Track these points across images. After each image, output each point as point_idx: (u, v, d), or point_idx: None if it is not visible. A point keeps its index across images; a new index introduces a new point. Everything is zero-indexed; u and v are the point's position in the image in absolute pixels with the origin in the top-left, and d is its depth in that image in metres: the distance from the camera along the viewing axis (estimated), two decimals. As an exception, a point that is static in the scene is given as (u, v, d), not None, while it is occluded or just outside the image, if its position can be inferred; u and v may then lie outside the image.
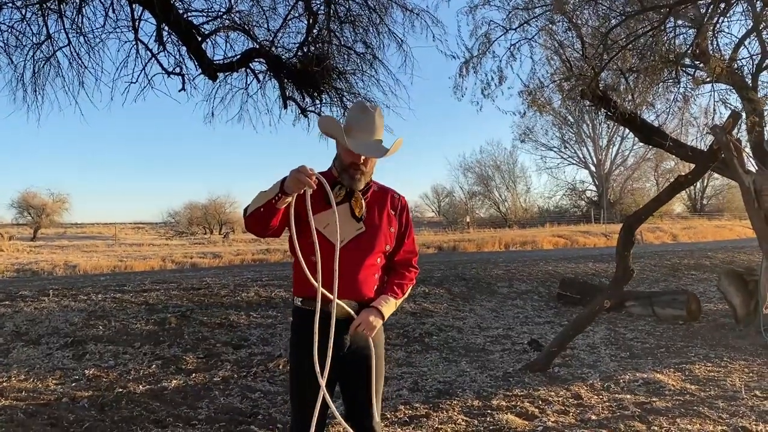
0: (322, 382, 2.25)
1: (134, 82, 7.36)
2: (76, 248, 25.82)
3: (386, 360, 6.12)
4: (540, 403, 4.64)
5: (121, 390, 5.03)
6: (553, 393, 4.89)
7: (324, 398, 2.26)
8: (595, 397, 4.78)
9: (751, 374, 5.36)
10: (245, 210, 2.37)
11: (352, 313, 2.41)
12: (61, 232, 38.21)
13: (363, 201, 2.46)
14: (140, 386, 5.15)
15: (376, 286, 2.52)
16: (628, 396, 4.76)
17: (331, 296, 2.30)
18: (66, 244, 28.43)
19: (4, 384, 5.10)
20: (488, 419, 4.26)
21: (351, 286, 2.39)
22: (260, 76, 8.07)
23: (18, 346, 6.18)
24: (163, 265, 17.71)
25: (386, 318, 2.46)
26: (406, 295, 2.58)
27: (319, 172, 2.40)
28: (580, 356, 6.20)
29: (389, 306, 2.48)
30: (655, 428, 4.00)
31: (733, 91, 8.16)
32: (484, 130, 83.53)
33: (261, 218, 2.29)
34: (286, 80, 7.89)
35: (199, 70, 7.49)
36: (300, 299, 2.49)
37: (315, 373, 2.27)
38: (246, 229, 2.45)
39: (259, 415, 4.49)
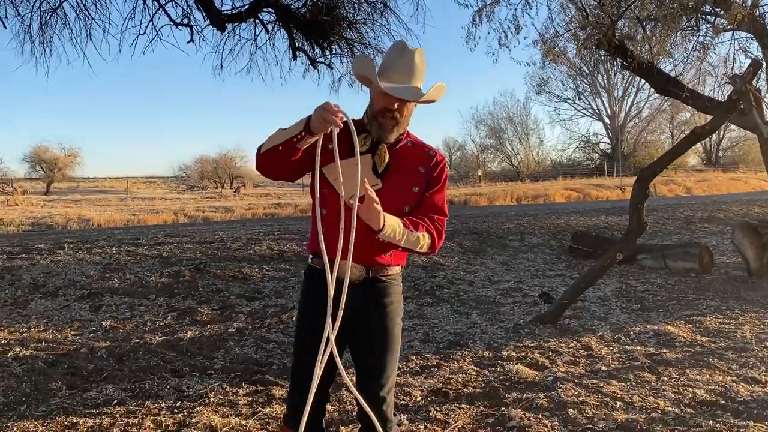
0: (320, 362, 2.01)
1: (142, 34, 7.29)
2: (89, 202, 26.05)
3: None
4: (550, 354, 4.69)
5: (138, 341, 5.13)
6: (563, 344, 4.93)
7: (333, 360, 2.03)
8: (605, 348, 4.82)
9: (762, 326, 5.37)
10: (259, 147, 2.14)
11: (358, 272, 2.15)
12: (74, 186, 38.50)
13: (387, 155, 2.17)
14: (156, 337, 5.25)
15: (389, 252, 2.23)
16: (639, 347, 4.79)
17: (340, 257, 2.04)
18: (79, 198, 28.68)
19: (24, 335, 5.21)
20: (498, 369, 4.32)
21: (359, 248, 2.06)
22: (269, 27, 7.95)
23: (36, 298, 6.30)
24: (175, 219, 17.86)
25: (385, 231, 2.03)
26: (417, 238, 2.13)
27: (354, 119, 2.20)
28: (590, 308, 6.23)
29: (396, 227, 2.06)
30: (665, 379, 4.04)
31: (754, 39, 7.92)
32: (497, 80, 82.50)
33: (277, 157, 2.08)
34: (295, 30, 7.76)
35: (207, 21, 7.38)
36: (311, 255, 2.32)
37: (314, 336, 2.08)
38: (257, 168, 2.22)
39: (273, 365, 4.57)
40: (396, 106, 2.11)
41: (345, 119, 1.95)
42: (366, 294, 2.22)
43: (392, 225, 2.05)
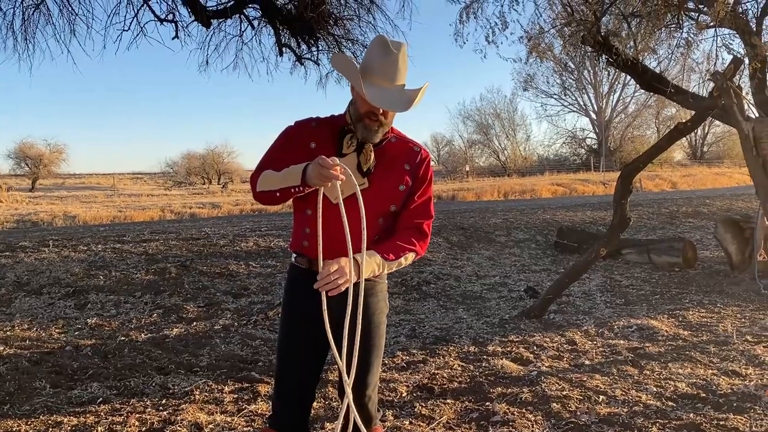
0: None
1: (126, 30, 7.22)
2: (75, 199, 25.82)
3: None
4: (535, 348, 4.73)
5: (123, 338, 5.11)
6: (547, 339, 4.97)
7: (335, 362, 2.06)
8: (589, 342, 4.87)
9: (743, 320, 5.45)
10: (255, 182, 2.17)
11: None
12: (60, 182, 38.12)
13: (372, 153, 2.14)
14: (142, 335, 5.24)
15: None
16: (622, 341, 4.84)
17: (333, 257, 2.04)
18: (65, 194, 28.42)
19: (8, 333, 5.18)
20: (484, 365, 4.35)
21: (344, 247, 2.02)
22: (255, 23, 7.91)
23: (20, 296, 6.26)
24: (162, 216, 17.75)
25: (362, 275, 2.03)
26: (399, 263, 2.16)
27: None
28: (575, 303, 6.28)
29: (369, 263, 2.06)
30: (647, 372, 4.09)
31: (737, 36, 8.00)
32: (484, 77, 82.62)
33: (274, 199, 2.13)
34: (281, 27, 7.73)
35: (192, 17, 7.33)
36: (295, 255, 2.27)
37: (302, 343, 2.17)
38: (255, 199, 2.26)
39: (260, 361, 4.58)
40: (381, 111, 2.08)
41: (343, 171, 1.94)
42: (352, 293, 2.13)
43: (368, 267, 2.06)
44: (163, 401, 3.73)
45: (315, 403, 3.42)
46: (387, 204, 2.17)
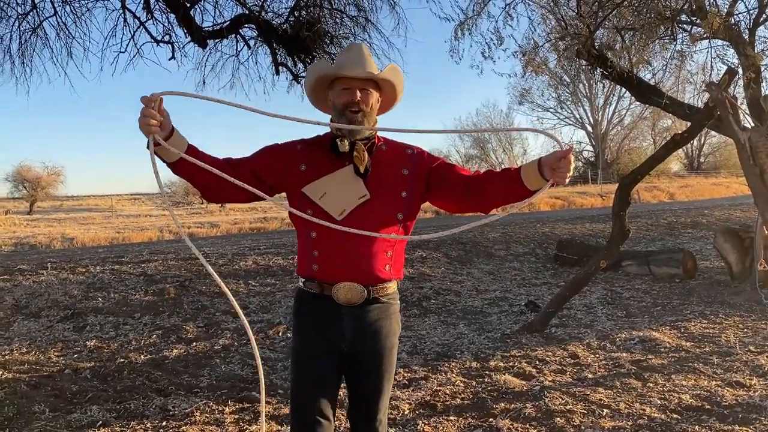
0: None
1: (123, 52, 7.23)
2: (73, 221, 25.79)
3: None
4: (537, 363, 4.70)
5: (122, 360, 5.07)
6: (550, 353, 4.94)
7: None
8: (592, 356, 4.84)
9: (745, 330, 5.42)
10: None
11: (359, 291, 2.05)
12: (58, 205, 38.09)
13: (365, 153, 2.06)
14: (141, 356, 5.20)
15: (388, 266, 2.10)
16: (624, 354, 4.82)
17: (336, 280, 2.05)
18: (63, 216, 28.39)
19: (7, 357, 5.14)
20: (486, 380, 4.32)
21: (357, 264, 2.01)
22: (251, 43, 7.93)
23: (18, 320, 6.22)
24: (160, 236, 17.71)
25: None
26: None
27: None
28: (576, 316, 6.26)
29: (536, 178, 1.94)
30: (651, 385, 4.06)
31: (731, 46, 8.05)
32: (479, 92, 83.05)
33: (194, 181, 2.06)
34: (277, 46, 7.76)
35: (189, 38, 7.35)
36: (303, 279, 2.15)
37: (318, 372, 2.08)
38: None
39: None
40: (359, 96, 2.03)
41: (161, 96, 1.87)
42: (365, 318, 2.10)
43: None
44: (164, 423, 3.70)
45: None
46: (394, 212, 2.08)
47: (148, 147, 1.89)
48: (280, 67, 7.94)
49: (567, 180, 1.88)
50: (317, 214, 1.99)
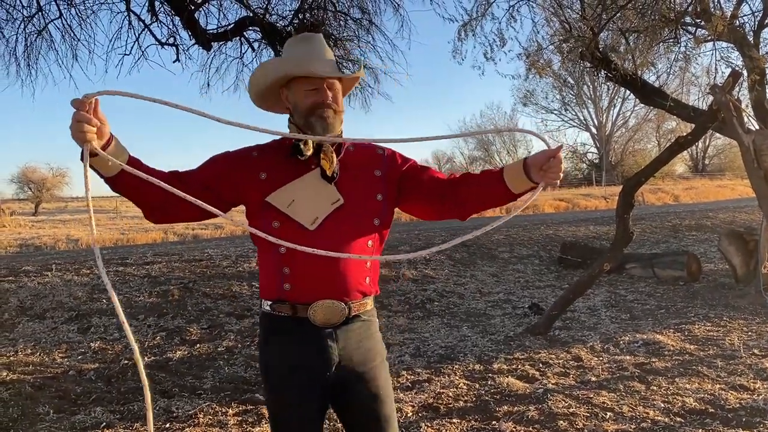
0: None
1: (128, 54, 7.29)
2: (77, 222, 25.86)
3: (388, 327, 6.15)
4: (540, 365, 4.69)
5: (126, 362, 5.09)
6: (553, 356, 4.94)
7: None
8: (595, 358, 4.83)
9: (750, 333, 5.41)
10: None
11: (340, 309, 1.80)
12: (63, 206, 38.21)
13: (334, 155, 1.84)
14: (145, 358, 5.21)
15: (368, 278, 1.86)
16: (628, 357, 4.81)
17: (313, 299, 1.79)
18: (68, 218, 28.47)
19: (11, 358, 5.16)
20: (489, 383, 4.32)
21: (333, 282, 1.78)
22: (255, 45, 7.96)
23: (23, 321, 6.24)
24: (165, 237, 17.75)
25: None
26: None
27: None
28: (580, 319, 6.25)
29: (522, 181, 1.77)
30: (654, 388, 4.06)
31: (735, 49, 8.05)
32: (483, 93, 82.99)
33: (134, 198, 1.81)
34: (281, 48, 7.78)
35: (193, 40, 7.39)
36: (269, 302, 1.84)
37: (302, 410, 1.81)
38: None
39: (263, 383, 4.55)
40: (330, 97, 1.82)
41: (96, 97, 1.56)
42: (350, 339, 1.84)
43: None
44: (167, 425, 3.71)
45: None
46: (370, 218, 1.86)
47: (81, 158, 1.60)
48: (284, 70, 7.95)
49: (558, 181, 1.74)
50: (286, 225, 1.77)
